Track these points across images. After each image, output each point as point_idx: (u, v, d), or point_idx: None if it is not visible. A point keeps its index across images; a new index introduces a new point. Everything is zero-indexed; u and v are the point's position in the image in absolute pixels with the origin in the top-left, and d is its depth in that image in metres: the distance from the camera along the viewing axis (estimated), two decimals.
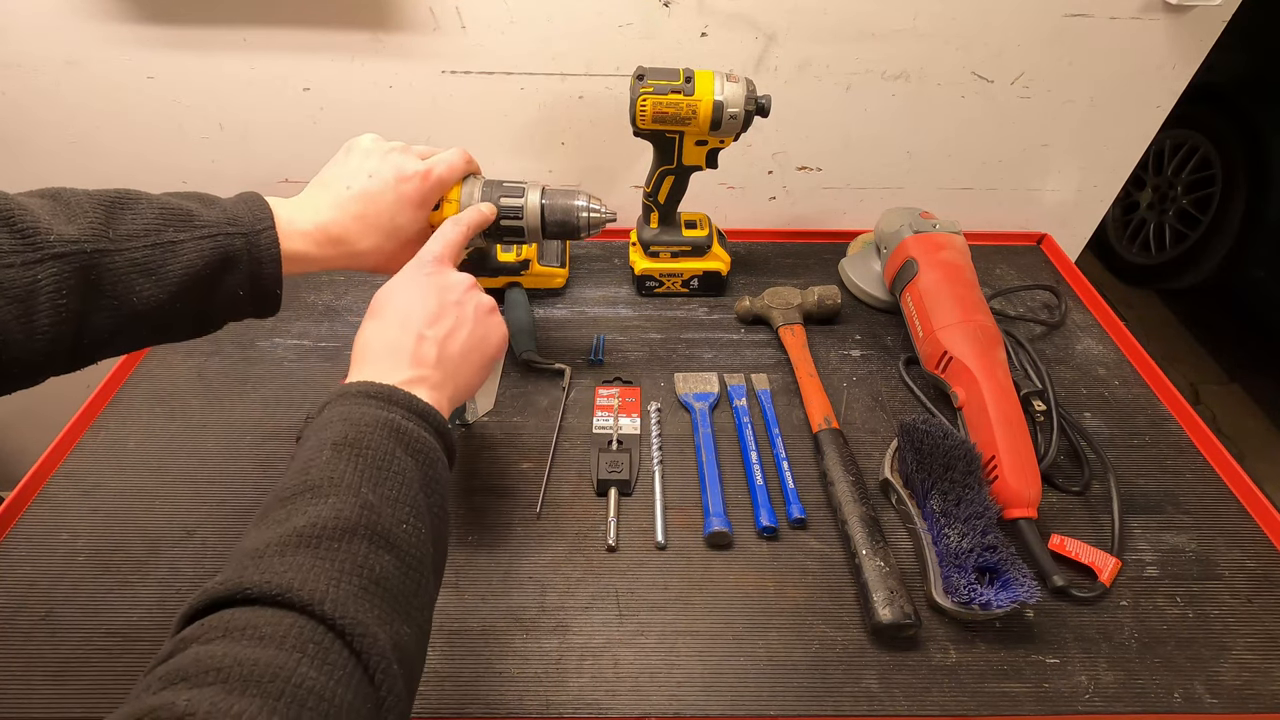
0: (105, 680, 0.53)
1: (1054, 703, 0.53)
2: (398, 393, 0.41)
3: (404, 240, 0.55)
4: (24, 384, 0.42)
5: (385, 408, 0.39)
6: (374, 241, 0.53)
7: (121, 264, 0.40)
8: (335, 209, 0.51)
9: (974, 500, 0.58)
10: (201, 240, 0.43)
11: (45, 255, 0.38)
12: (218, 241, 0.44)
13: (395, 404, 0.40)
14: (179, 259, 0.42)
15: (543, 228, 0.63)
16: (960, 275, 0.75)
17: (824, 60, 0.84)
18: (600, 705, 0.52)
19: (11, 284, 0.37)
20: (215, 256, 0.44)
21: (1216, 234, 1.86)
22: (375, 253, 0.53)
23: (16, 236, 0.38)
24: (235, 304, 0.47)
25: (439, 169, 0.56)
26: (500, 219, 0.61)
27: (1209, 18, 0.82)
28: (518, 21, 0.80)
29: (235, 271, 0.45)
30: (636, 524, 0.64)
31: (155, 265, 0.42)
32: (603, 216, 0.64)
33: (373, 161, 0.53)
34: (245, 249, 0.45)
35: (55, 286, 0.38)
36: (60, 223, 0.39)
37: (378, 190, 0.52)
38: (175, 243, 0.42)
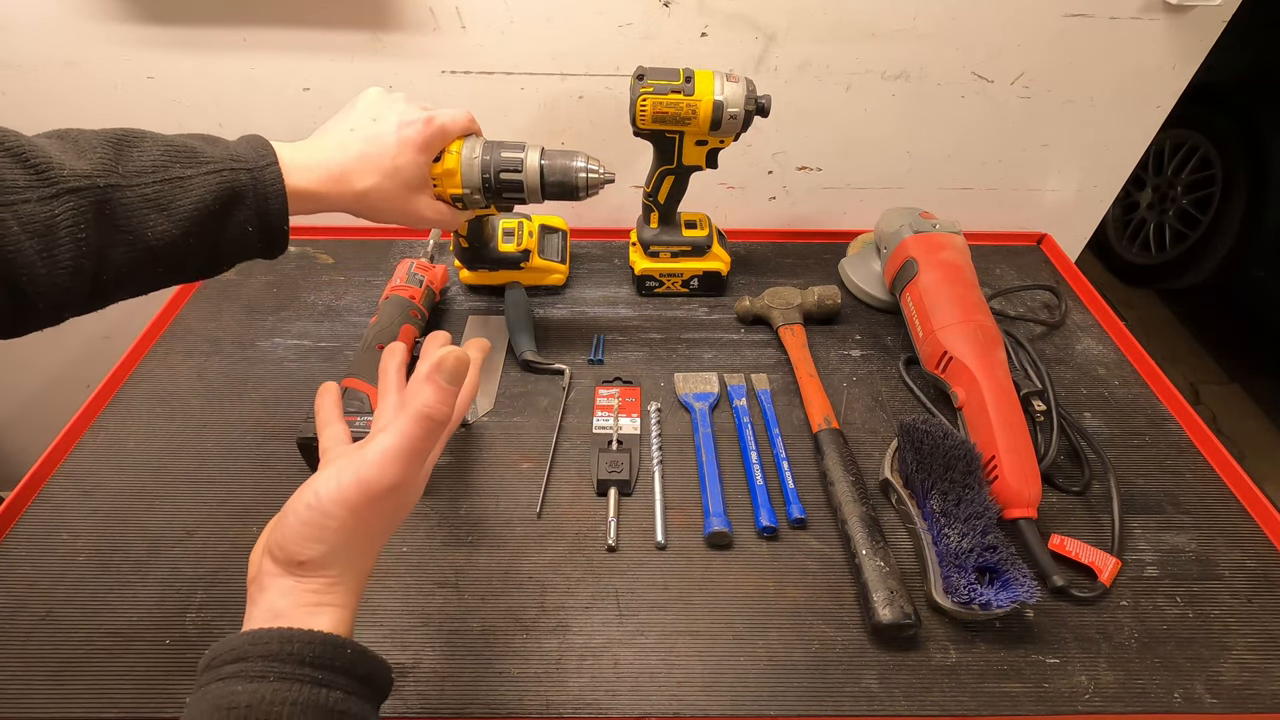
0: (105, 680, 0.53)
1: (1054, 703, 0.53)
2: (290, 640, 0.33)
3: (404, 181, 0.55)
4: (45, 322, 0.42)
5: (270, 682, 0.32)
6: (374, 181, 0.53)
7: (134, 199, 0.41)
8: (338, 149, 0.52)
9: (974, 500, 0.58)
10: (208, 176, 0.44)
11: (60, 190, 0.39)
12: (224, 177, 0.44)
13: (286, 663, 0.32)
14: (188, 194, 0.43)
15: (542, 188, 0.64)
16: (960, 275, 0.75)
17: (824, 60, 0.84)
18: (600, 705, 0.52)
19: (30, 219, 0.38)
20: (223, 192, 0.44)
21: (1216, 234, 1.86)
22: (376, 192, 0.53)
23: (30, 172, 0.38)
24: (245, 241, 0.47)
25: (442, 117, 0.58)
26: (499, 173, 0.62)
27: (1209, 18, 0.82)
28: (518, 21, 0.80)
29: (243, 207, 0.46)
30: (636, 524, 0.64)
31: (166, 200, 0.42)
32: (601, 177, 0.65)
33: (378, 108, 0.55)
34: (251, 185, 0.46)
35: (73, 221, 0.39)
36: (71, 158, 0.40)
37: (380, 132, 0.54)
38: (183, 178, 0.43)
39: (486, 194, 0.63)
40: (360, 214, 0.55)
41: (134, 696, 0.52)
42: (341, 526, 0.36)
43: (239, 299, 0.86)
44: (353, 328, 0.82)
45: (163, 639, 0.55)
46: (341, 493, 0.36)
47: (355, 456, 0.37)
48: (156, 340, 0.81)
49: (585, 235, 0.96)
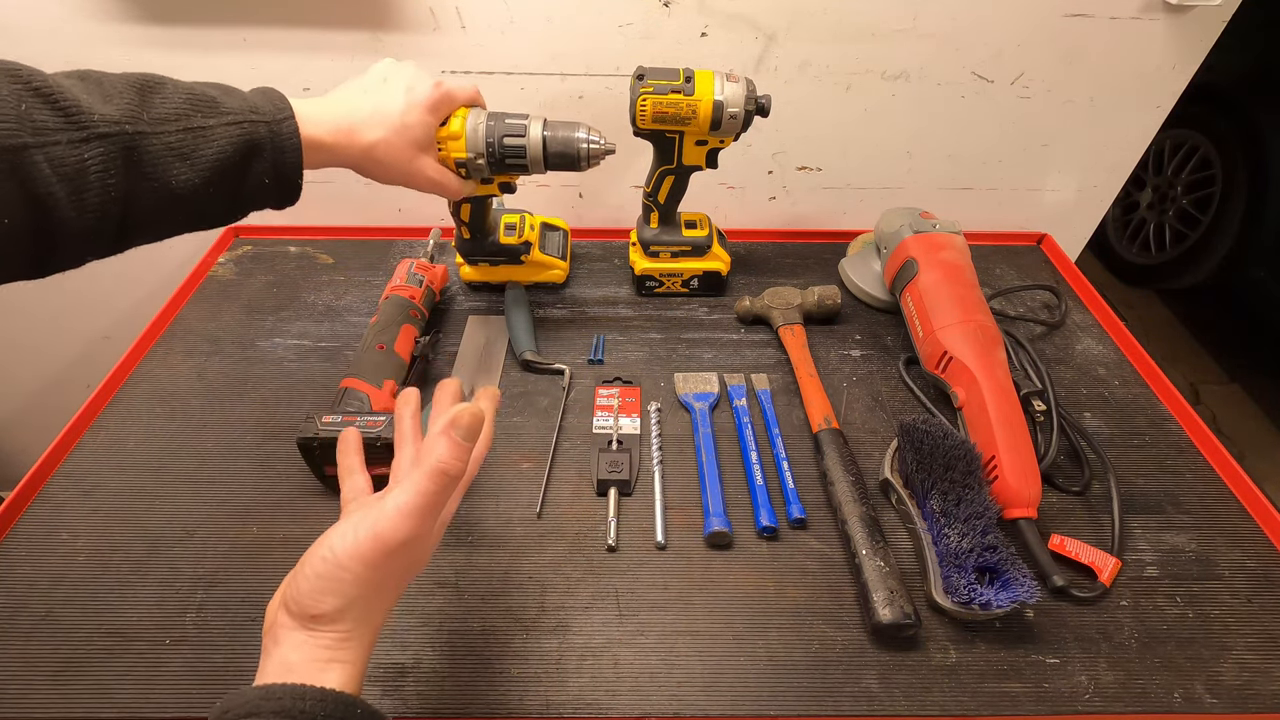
0: (105, 680, 0.53)
1: (1054, 703, 0.53)
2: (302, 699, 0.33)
3: (411, 140, 0.57)
4: (69, 264, 0.43)
5: None
6: (382, 135, 0.55)
7: (159, 147, 0.42)
8: (348, 104, 0.54)
9: (974, 500, 0.58)
10: (229, 127, 0.45)
11: (91, 135, 0.39)
12: (243, 129, 0.45)
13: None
14: (210, 144, 0.44)
15: (545, 158, 0.65)
16: (960, 275, 0.75)
17: (824, 60, 0.84)
18: (600, 705, 0.52)
19: (61, 162, 0.38)
20: (242, 144, 0.45)
21: (1216, 234, 1.86)
22: (382, 146, 0.55)
23: (60, 114, 0.38)
24: (262, 191, 0.49)
25: (450, 83, 0.61)
26: (503, 139, 0.64)
27: (1209, 18, 0.82)
28: (518, 21, 0.80)
29: (260, 159, 0.47)
30: (636, 524, 0.63)
31: (189, 150, 0.43)
32: (602, 147, 0.67)
33: (388, 71, 0.58)
34: (269, 138, 0.47)
35: (103, 166, 0.39)
36: (98, 102, 0.40)
37: (390, 91, 0.56)
38: (205, 128, 0.44)
39: (490, 161, 0.65)
40: (366, 170, 0.57)
41: (134, 696, 0.52)
42: (356, 580, 0.36)
43: (239, 299, 0.86)
44: (353, 328, 0.82)
45: (163, 639, 0.55)
46: (357, 547, 0.36)
47: (372, 510, 0.37)
48: (156, 340, 0.81)
49: (585, 235, 0.96)
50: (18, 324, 1.11)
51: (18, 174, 0.37)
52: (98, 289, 1.06)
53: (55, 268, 0.42)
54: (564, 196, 0.97)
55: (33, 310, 1.09)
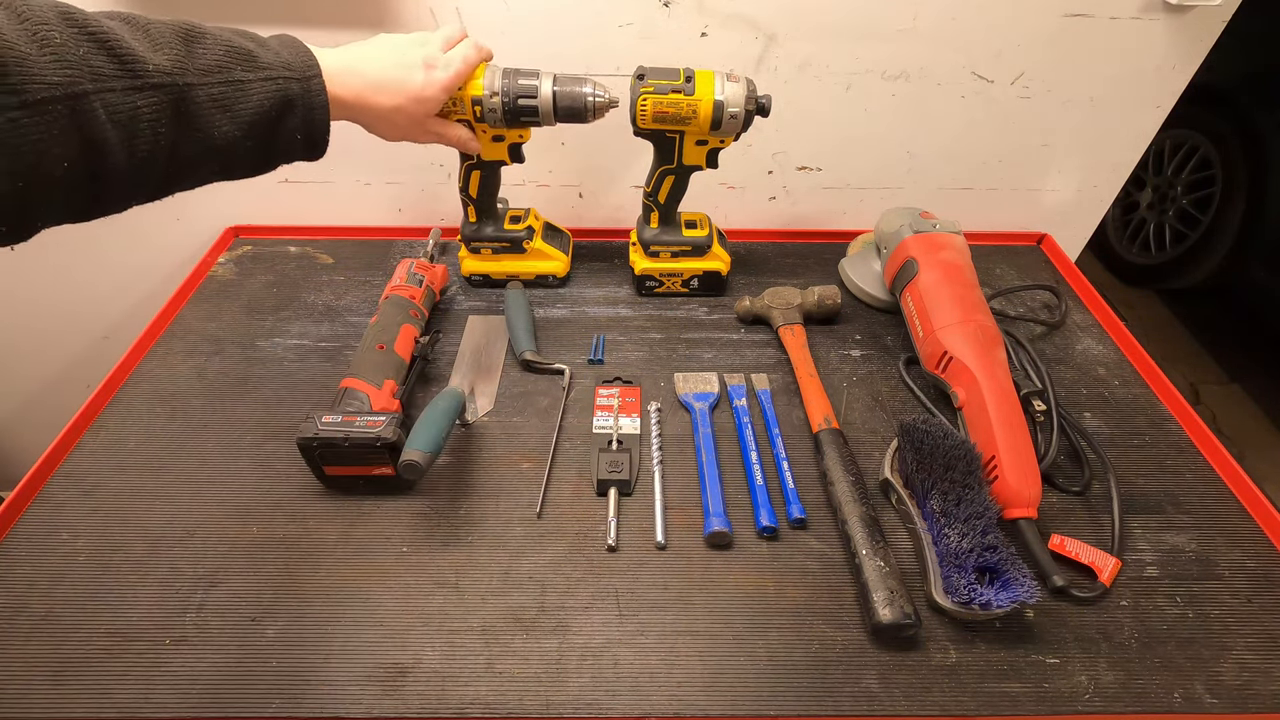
0: (105, 680, 0.53)
1: (1054, 703, 0.53)
2: None
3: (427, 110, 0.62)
4: (116, 207, 0.44)
5: None
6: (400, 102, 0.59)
7: (204, 99, 0.43)
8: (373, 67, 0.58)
9: (974, 500, 0.58)
10: (265, 83, 0.47)
11: (145, 84, 0.40)
12: (279, 85, 0.47)
13: None
14: (249, 99, 0.46)
15: (555, 111, 0.71)
16: (960, 275, 0.75)
17: (824, 60, 0.84)
18: (600, 705, 0.52)
19: (116, 109, 0.39)
20: (278, 99, 0.47)
21: (1216, 234, 1.85)
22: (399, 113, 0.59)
23: (116, 62, 0.39)
24: (291, 145, 0.51)
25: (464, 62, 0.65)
26: (517, 98, 0.69)
27: (1209, 18, 0.82)
28: (518, 21, 0.80)
29: (293, 115, 0.49)
30: (636, 524, 0.64)
31: (230, 102, 0.45)
32: (606, 100, 0.71)
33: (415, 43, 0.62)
34: (301, 94, 0.49)
35: (154, 115, 0.41)
36: (150, 51, 0.41)
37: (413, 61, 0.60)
38: (245, 82, 0.45)
39: (504, 110, 0.70)
40: (377, 130, 0.60)
41: (134, 696, 0.52)
42: None
43: (239, 299, 0.86)
44: (353, 328, 0.82)
45: (163, 639, 0.55)
46: None
47: None
48: (156, 340, 0.81)
49: (585, 235, 0.96)
50: (18, 324, 1.11)
51: (77, 119, 0.38)
52: (98, 289, 1.06)
53: (101, 211, 0.43)
54: (564, 196, 0.97)
55: (33, 310, 1.09)
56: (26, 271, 1.03)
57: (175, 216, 0.96)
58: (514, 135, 0.75)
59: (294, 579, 0.59)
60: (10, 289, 1.06)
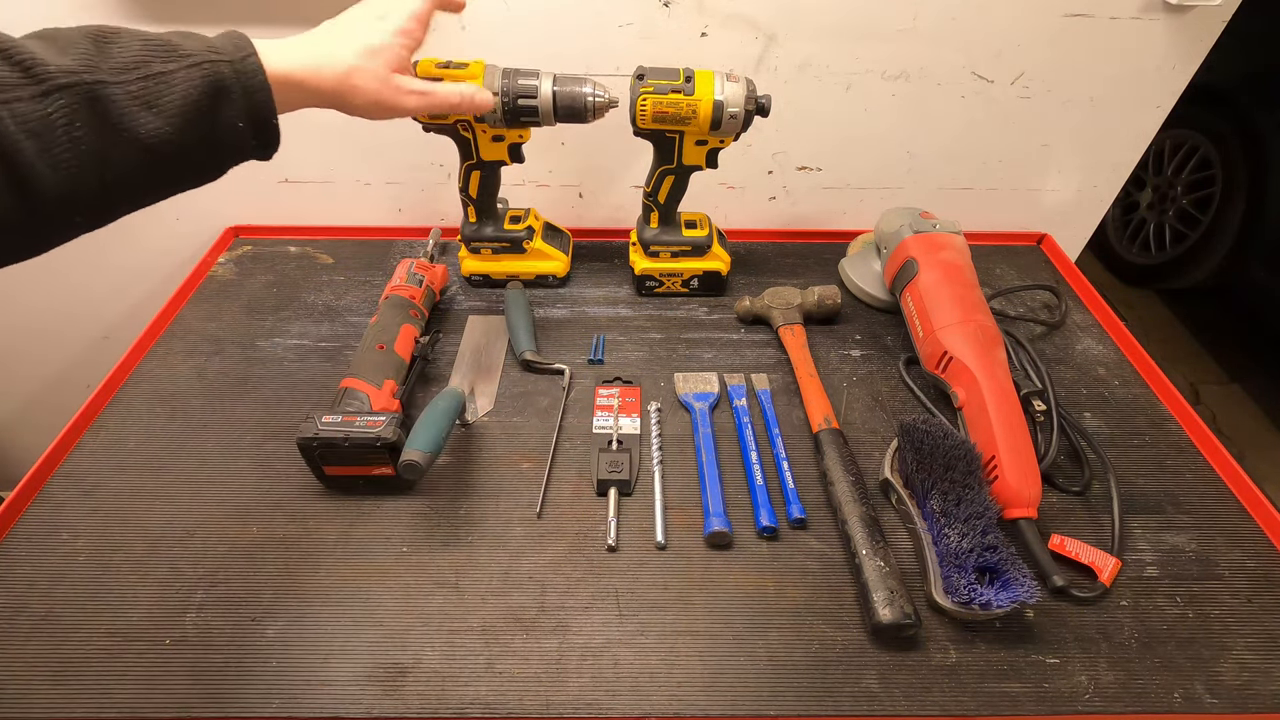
0: (105, 680, 0.53)
1: (1054, 703, 0.53)
2: None
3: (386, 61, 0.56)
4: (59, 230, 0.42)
5: None
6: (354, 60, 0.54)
7: (121, 96, 0.41)
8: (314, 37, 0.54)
9: (974, 500, 0.58)
10: (190, 70, 0.44)
11: (50, 87, 0.38)
12: (205, 70, 0.44)
13: None
14: (173, 90, 0.43)
15: (555, 110, 0.71)
16: (960, 275, 0.75)
17: (824, 60, 0.84)
18: (600, 705, 0.52)
19: (25, 117, 0.37)
20: (207, 85, 0.44)
21: (1216, 234, 1.85)
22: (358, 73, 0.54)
23: (17, 69, 0.38)
24: (238, 137, 0.47)
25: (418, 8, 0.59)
26: (518, 98, 0.70)
27: (1209, 18, 0.82)
28: (518, 21, 0.80)
29: (229, 102, 0.45)
30: (636, 524, 0.63)
31: (153, 97, 0.42)
32: (606, 100, 0.71)
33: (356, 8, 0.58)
34: (234, 76, 0.46)
35: (68, 119, 0.39)
36: (55, 55, 0.40)
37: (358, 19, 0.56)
38: (166, 73, 0.43)
39: (505, 115, 0.71)
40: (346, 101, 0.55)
41: (134, 696, 0.52)
42: None
43: (239, 299, 0.86)
44: (353, 328, 0.82)
45: (163, 639, 0.55)
46: None
47: None
48: (156, 340, 0.81)
49: (585, 235, 0.96)
50: (18, 324, 1.11)
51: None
52: (98, 289, 1.06)
53: (48, 235, 0.42)
54: (564, 196, 0.97)
55: (33, 310, 1.09)
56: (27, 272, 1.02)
57: (175, 216, 0.96)
58: (514, 135, 0.75)
59: (294, 579, 0.59)
60: (10, 290, 1.06)
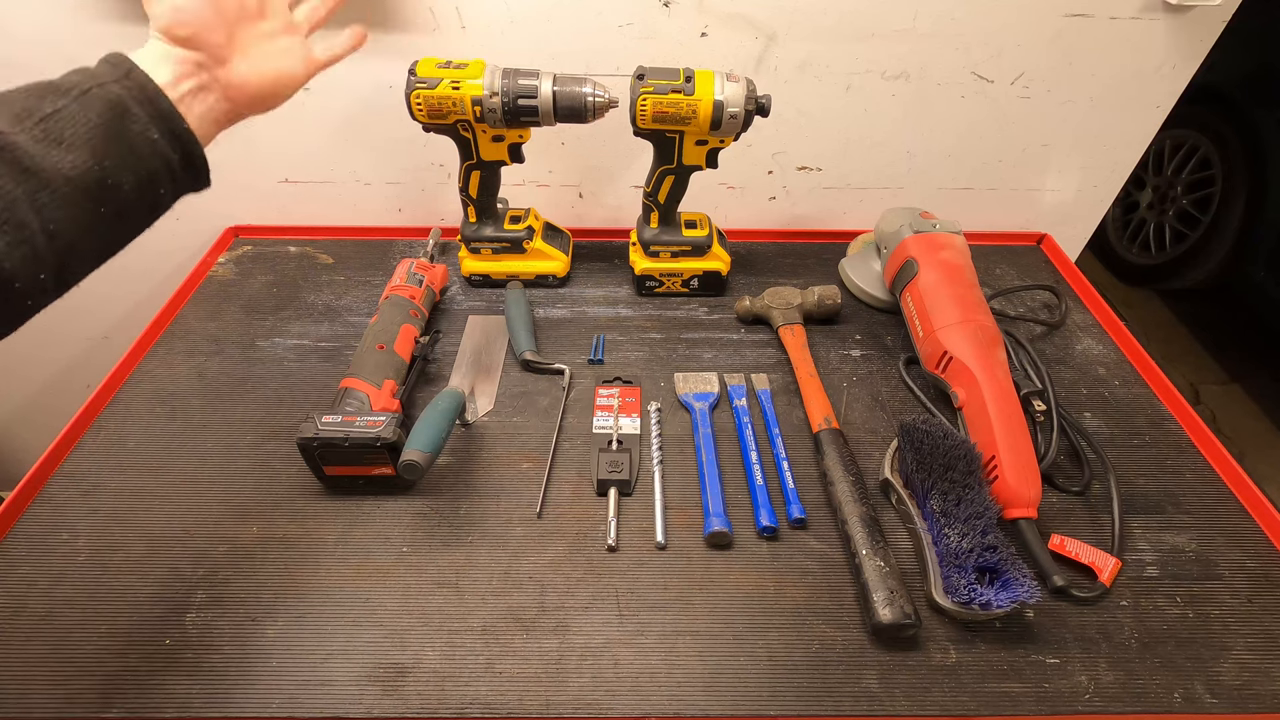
0: (105, 680, 0.53)
1: (1054, 703, 0.53)
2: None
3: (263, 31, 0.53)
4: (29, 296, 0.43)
5: None
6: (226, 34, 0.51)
7: (27, 142, 0.40)
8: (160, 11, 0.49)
9: (974, 500, 0.58)
10: (80, 99, 0.43)
11: None
12: (94, 95, 0.43)
13: None
14: (72, 123, 0.42)
15: (554, 110, 0.71)
16: (960, 275, 0.75)
17: (824, 60, 0.84)
18: (600, 705, 0.52)
19: None
20: (103, 108, 0.43)
21: (1216, 234, 1.85)
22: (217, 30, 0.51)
23: None
24: (161, 155, 0.46)
25: None
26: (517, 98, 0.70)
27: (1209, 18, 0.82)
28: (518, 21, 0.80)
29: (132, 118, 0.44)
30: (636, 524, 0.63)
31: (57, 135, 0.41)
32: (606, 100, 0.72)
33: None
34: (125, 93, 0.44)
35: None
36: None
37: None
38: (58, 111, 0.42)
39: (505, 115, 0.71)
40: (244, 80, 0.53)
41: (134, 696, 0.52)
42: None
43: (239, 299, 0.86)
44: (353, 328, 0.82)
45: (163, 639, 0.55)
46: None
47: None
48: (156, 340, 0.81)
49: (585, 235, 0.96)
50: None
51: None
52: (98, 289, 1.05)
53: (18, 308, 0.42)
54: (564, 196, 0.97)
55: None
56: None
57: (175, 216, 0.95)
58: (514, 135, 0.75)
59: (294, 579, 0.59)
60: None
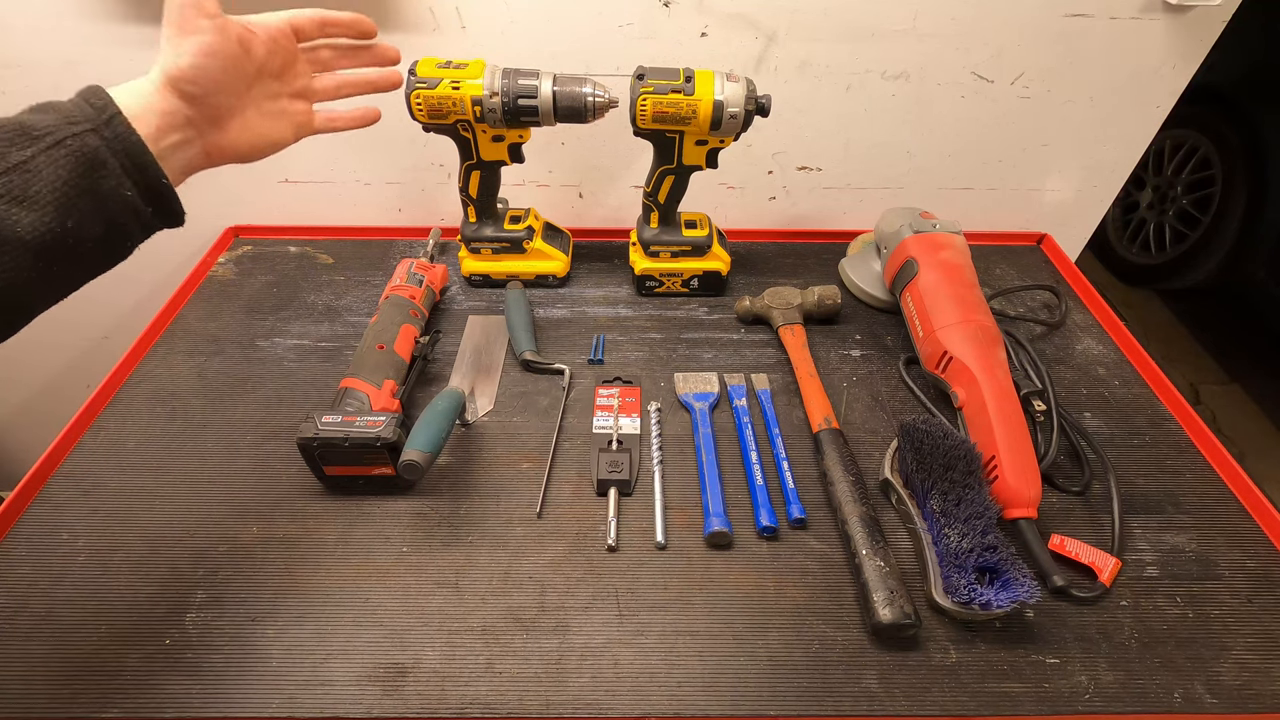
0: (105, 680, 0.53)
1: (1054, 703, 0.53)
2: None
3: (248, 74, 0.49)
4: None
5: None
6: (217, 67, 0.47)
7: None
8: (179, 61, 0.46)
9: (974, 500, 0.58)
10: (51, 150, 0.39)
11: None
12: (68, 147, 0.40)
13: None
14: (39, 178, 0.39)
15: (555, 110, 0.71)
16: (960, 275, 0.75)
17: (824, 60, 0.84)
18: (600, 705, 0.52)
19: None
20: (75, 162, 0.40)
21: (1216, 234, 1.85)
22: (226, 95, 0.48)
23: None
24: (133, 210, 0.43)
25: None
26: (517, 98, 0.70)
27: (1209, 18, 0.82)
28: (518, 21, 0.80)
29: (106, 172, 0.41)
30: (636, 524, 0.63)
31: (20, 192, 0.38)
32: (606, 100, 0.72)
33: None
34: (103, 145, 0.41)
35: None
36: None
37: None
38: (25, 162, 0.38)
39: (505, 115, 0.71)
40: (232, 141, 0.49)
41: (134, 696, 0.52)
42: None
43: (239, 299, 0.86)
44: (353, 328, 0.82)
45: (163, 639, 0.55)
46: None
47: None
48: (156, 340, 0.81)
49: (585, 235, 0.96)
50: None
51: None
52: (98, 289, 1.05)
53: None
54: (564, 196, 0.97)
55: None
56: None
57: None
58: (514, 135, 0.75)
59: (294, 579, 0.59)
60: None
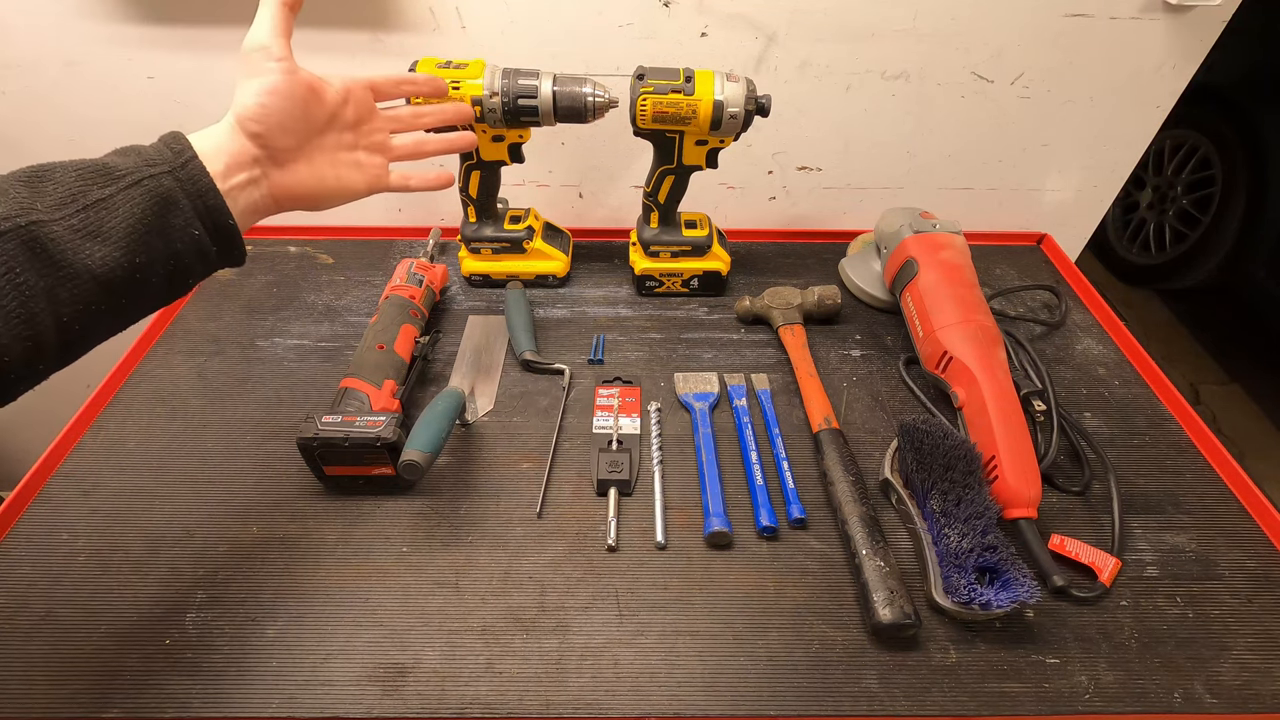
0: (105, 680, 0.53)
1: (1054, 703, 0.53)
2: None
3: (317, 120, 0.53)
4: (24, 379, 0.42)
5: None
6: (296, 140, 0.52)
7: (62, 232, 0.40)
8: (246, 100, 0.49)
9: (974, 500, 0.58)
10: (129, 190, 0.42)
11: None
12: (145, 187, 0.43)
13: None
14: (115, 214, 0.41)
15: (555, 110, 0.71)
16: (960, 275, 0.75)
17: (824, 60, 0.84)
18: (600, 705, 0.52)
19: None
20: (150, 201, 0.43)
21: (1216, 234, 1.86)
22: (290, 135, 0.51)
23: None
24: (197, 247, 0.45)
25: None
26: (517, 98, 0.70)
27: (1209, 18, 0.82)
28: (518, 21, 0.80)
29: (177, 211, 0.44)
30: (636, 524, 0.63)
31: (95, 227, 0.41)
32: (606, 100, 0.72)
33: None
34: (177, 186, 0.44)
35: (5, 266, 0.37)
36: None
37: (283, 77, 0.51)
38: (105, 199, 0.41)
39: (505, 115, 0.71)
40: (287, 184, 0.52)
41: (134, 696, 0.52)
42: None
43: (239, 299, 0.86)
44: (353, 328, 0.82)
45: (163, 639, 0.55)
46: None
47: None
48: (156, 340, 0.81)
49: (585, 235, 0.96)
50: None
51: None
52: None
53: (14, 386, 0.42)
54: (564, 196, 0.97)
55: None
56: None
57: None
58: (514, 135, 0.75)
59: (294, 579, 0.59)
60: None
